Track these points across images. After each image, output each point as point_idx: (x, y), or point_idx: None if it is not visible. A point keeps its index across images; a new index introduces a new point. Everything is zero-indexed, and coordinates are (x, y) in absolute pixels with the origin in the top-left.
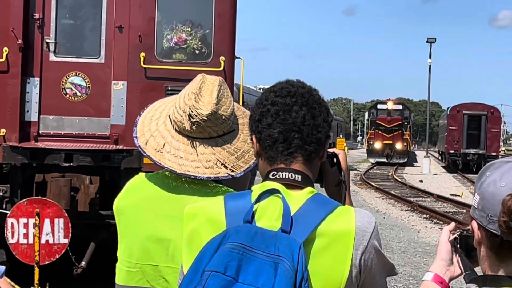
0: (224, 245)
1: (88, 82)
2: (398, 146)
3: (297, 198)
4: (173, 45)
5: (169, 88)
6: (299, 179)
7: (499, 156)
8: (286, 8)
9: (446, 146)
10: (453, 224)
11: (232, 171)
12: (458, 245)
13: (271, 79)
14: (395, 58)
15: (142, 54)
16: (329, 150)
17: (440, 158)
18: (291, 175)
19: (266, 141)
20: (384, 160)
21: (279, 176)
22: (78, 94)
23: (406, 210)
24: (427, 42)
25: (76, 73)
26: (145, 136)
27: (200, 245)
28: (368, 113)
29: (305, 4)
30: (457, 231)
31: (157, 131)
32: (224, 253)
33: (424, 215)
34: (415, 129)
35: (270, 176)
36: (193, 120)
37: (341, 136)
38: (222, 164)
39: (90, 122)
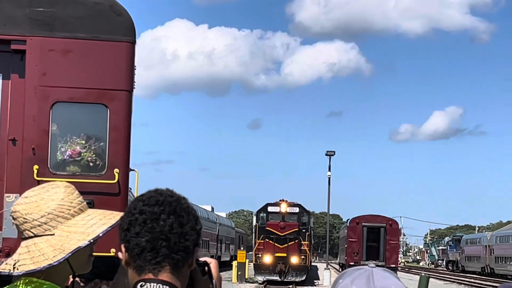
0: None
1: None
2: (294, 260)
3: None
4: (67, 157)
5: None
6: None
7: (399, 268)
8: (190, 122)
9: (346, 258)
10: None
11: (15, 268)
12: None
13: (176, 191)
14: (298, 170)
15: (36, 166)
16: (201, 259)
17: (340, 270)
18: (159, 286)
19: (134, 250)
20: (276, 278)
21: (146, 287)
22: None
23: None
24: (326, 155)
25: None
26: None
27: None
28: (256, 217)
29: (209, 118)
30: None
31: None
32: None
33: None
34: (316, 240)
35: (138, 287)
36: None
37: (242, 248)
38: (14, 261)
39: None
